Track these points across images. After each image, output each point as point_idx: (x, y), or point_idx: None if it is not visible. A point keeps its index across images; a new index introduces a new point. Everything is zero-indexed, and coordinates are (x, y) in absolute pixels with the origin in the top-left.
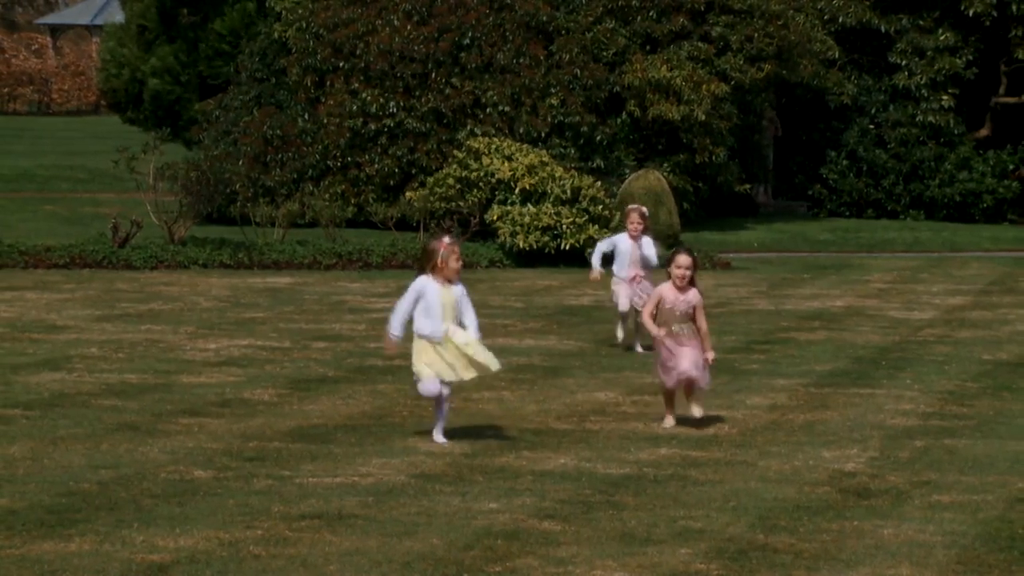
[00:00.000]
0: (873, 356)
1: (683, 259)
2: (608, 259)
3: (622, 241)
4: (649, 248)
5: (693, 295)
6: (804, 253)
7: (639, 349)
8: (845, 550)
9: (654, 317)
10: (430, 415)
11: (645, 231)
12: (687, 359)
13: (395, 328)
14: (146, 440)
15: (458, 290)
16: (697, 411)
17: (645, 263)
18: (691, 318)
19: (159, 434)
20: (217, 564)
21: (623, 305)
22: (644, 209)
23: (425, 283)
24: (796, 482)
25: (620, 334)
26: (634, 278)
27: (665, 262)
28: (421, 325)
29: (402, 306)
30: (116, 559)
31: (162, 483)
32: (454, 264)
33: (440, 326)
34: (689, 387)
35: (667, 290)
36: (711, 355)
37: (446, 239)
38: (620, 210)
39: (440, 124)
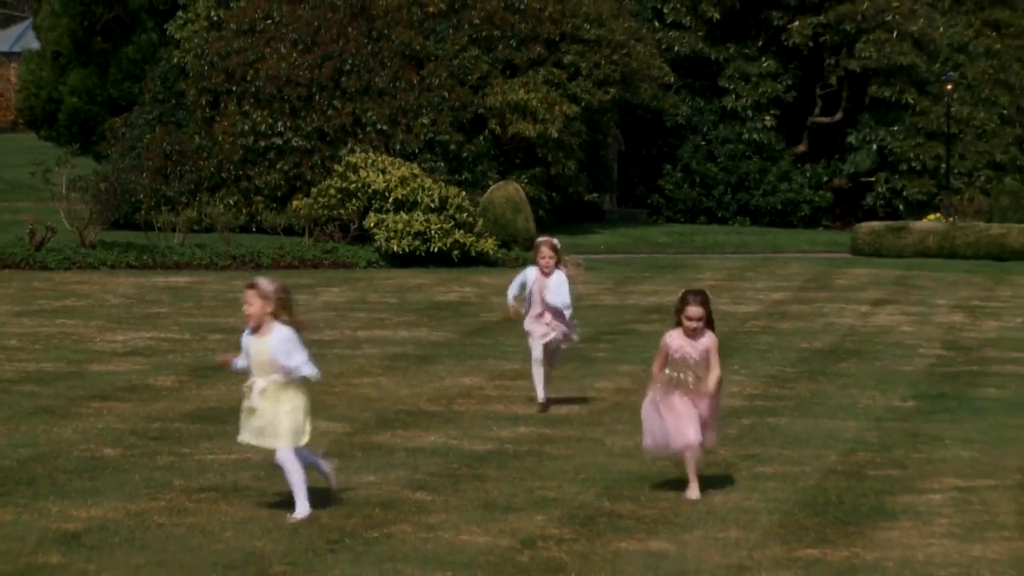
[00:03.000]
0: None
1: (694, 310)
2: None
3: (531, 275)
4: (559, 287)
5: (708, 339)
6: (645, 254)
7: (541, 398)
8: (680, 515)
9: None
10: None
11: (558, 265)
12: (676, 427)
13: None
14: (60, 422)
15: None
16: (693, 492)
17: (552, 307)
18: (706, 364)
19: (72, 416)
20: (124, 532)
21: (535, 351)
22: (555, 241)
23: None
24: (638, 457)
25: (540, 392)
26: (541, 314)
27: (675, 308)
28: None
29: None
30: (34, 527)
31: (75, 460)
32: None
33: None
34: (689, 454)
35: (674, 337)
36: (710, 384)
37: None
38: (484, 216)
39: (323, 141)
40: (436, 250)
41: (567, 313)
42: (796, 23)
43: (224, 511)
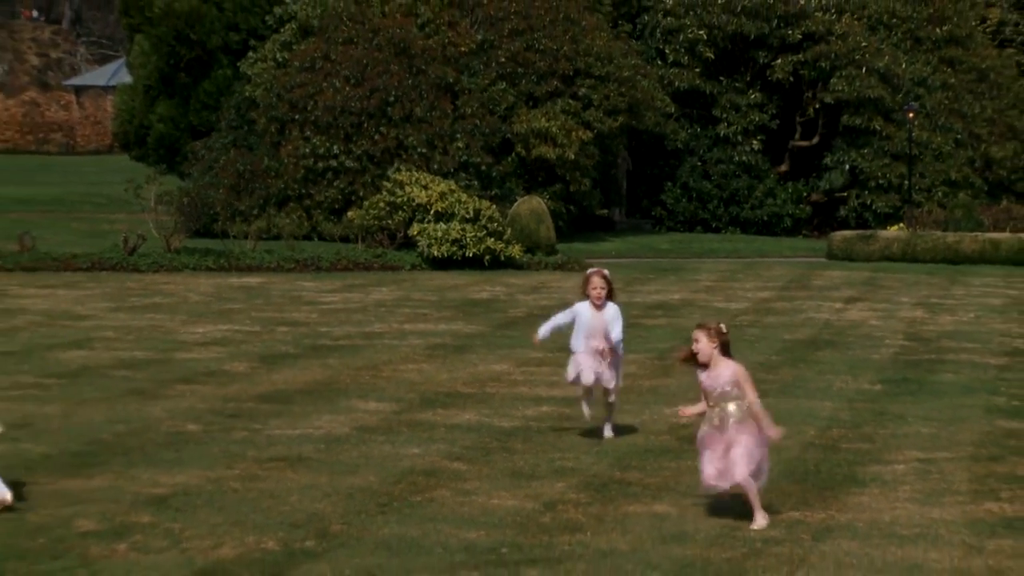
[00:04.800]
0: None
1: (696, 336)
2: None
3: (584, 310)
4: (614, 319)
5: (726, 370)
6: (649, 259)
7: (608, 434)
8: (681, 483)
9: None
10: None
11: (610, 296)
12: (712, 464)
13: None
14: (150, 402)
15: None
16: (760, 520)
17: (607, 334)
18: (738, 396)
19: (160, 397)
20: (205, 496)
21: (586, 378)
22: (607, 271)
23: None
24: (644, 432)
25: (586, 410)
26: (601, 351)
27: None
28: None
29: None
30: (128, 492)
31: (162, 434)
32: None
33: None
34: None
35: (700, 373)
36: (773, 432)
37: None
38: (511, 226)
39: (372, 162)
40: (471, 255)
41: (620, 348)
42: (779, 61)
43: (290, 478)
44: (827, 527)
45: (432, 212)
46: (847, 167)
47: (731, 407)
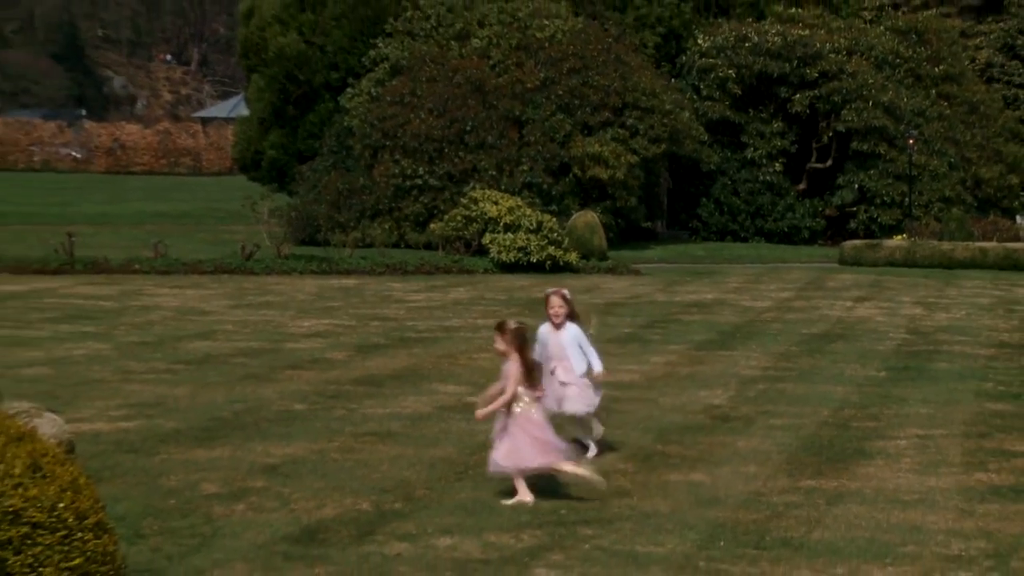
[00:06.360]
0: (731, 330)
1: (496, 334)
2: None
3: (543, 332)
4: (571, 342)
5: (507, 368)
6: (687, 264)
7: (592, 451)
8: (714, 455)
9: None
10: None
11: (572, 317)
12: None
13: None
14: (263, 385)
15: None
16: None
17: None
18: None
19: (272, 381)
20: (310, 464)
21: (569, 408)
22: (566, 291)
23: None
24: (682, 411)
25: (597, 427)
26: (553, 371)
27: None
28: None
29: None
30: (244, 461)
31: (274, 413)
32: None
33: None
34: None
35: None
36: (480, 413)
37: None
38: (569, 236)
39: (451, 182)
40: (534, 261)
41: (579, 372)
42: (797, 96)
43: (381, 450)
44: (839, 493)
45: (501, 224)
46: (856, 186)
47: (521, 405)
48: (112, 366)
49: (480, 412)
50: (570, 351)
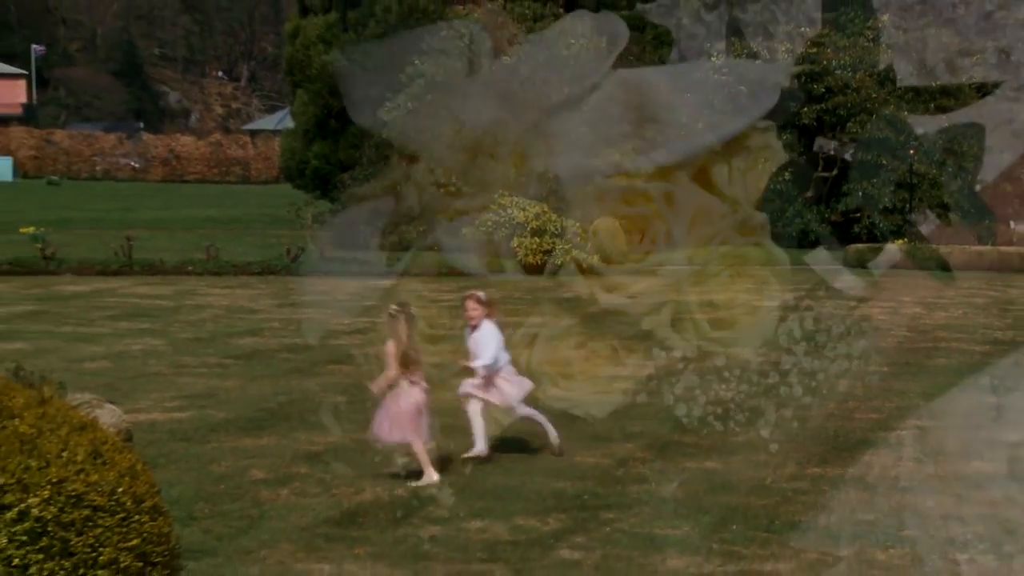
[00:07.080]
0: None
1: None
2: None
3: (466, 332)
4: (482, 339)
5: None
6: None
7: (555, 441)
8: (728, 444)
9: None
10: None
11: (492, 316)
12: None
13: None
14: (307, 378)
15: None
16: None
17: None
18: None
19: (315, 374)
20: (349, 453)
21: (495, 398)
22: (481, 294)
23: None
24: (696, 403)
25: (551, 435)
26: (466, 369)
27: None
28: None
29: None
30: (289, 448)
31: (316, 405)
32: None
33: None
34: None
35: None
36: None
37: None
38: (592, 240)
39: (482, 189)
40: (560, 263)
41: (495, 369)
42: (806, 109)
43: None
44: (844, 480)
45: (528, 228)
46: (860, 193)
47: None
48: (167, 360)
49: (373, 385)
50: (481, 349)
